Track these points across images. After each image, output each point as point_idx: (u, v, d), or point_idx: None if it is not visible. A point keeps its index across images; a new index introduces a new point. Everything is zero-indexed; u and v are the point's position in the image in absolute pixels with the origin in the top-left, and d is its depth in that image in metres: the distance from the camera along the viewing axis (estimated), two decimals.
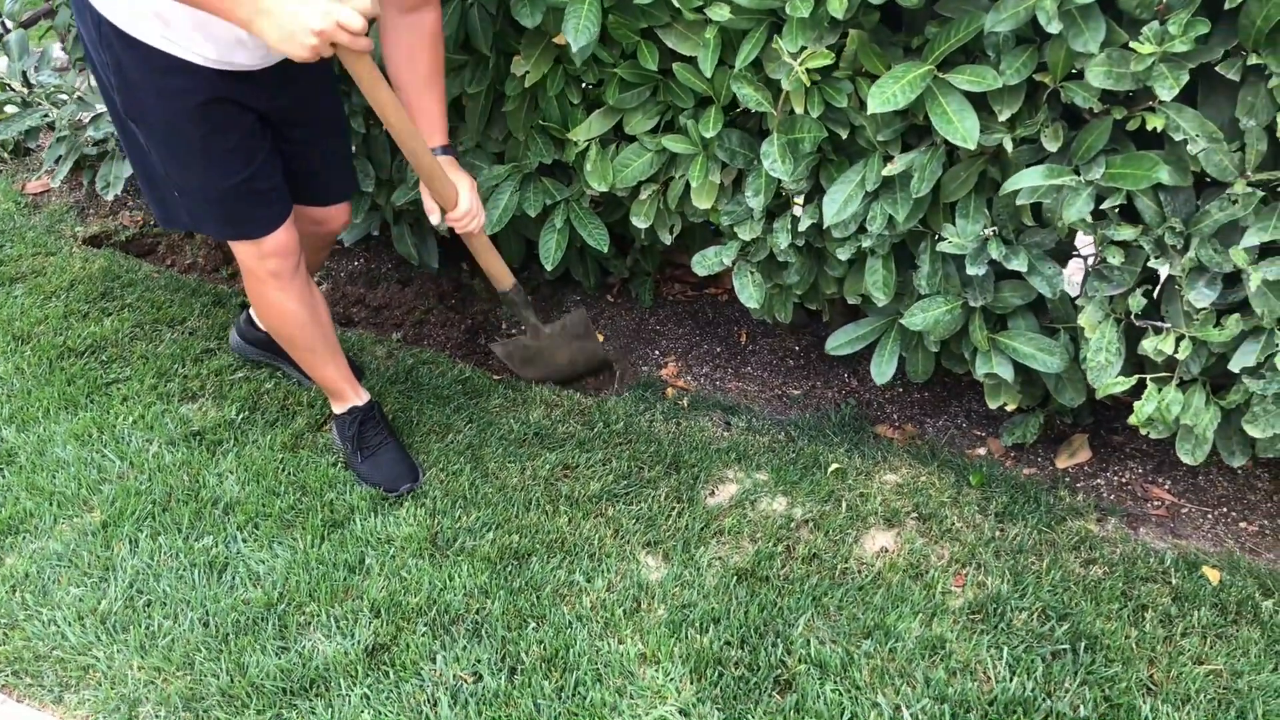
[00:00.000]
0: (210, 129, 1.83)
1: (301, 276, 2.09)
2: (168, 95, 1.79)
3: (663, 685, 1.78)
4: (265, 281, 2.05)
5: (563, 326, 2.44)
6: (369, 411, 2.27)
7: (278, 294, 2.07)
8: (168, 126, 1.82)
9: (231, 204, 1.92)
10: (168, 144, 1.85)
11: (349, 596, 1.96)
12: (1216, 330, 1.75)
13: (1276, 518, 2.21)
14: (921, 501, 2.17)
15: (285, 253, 2.02)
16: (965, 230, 1.86)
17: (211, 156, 1.86)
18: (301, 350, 2.19)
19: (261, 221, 1.97)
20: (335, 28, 1.57)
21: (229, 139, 1.86)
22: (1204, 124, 1.61)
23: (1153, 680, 1.79)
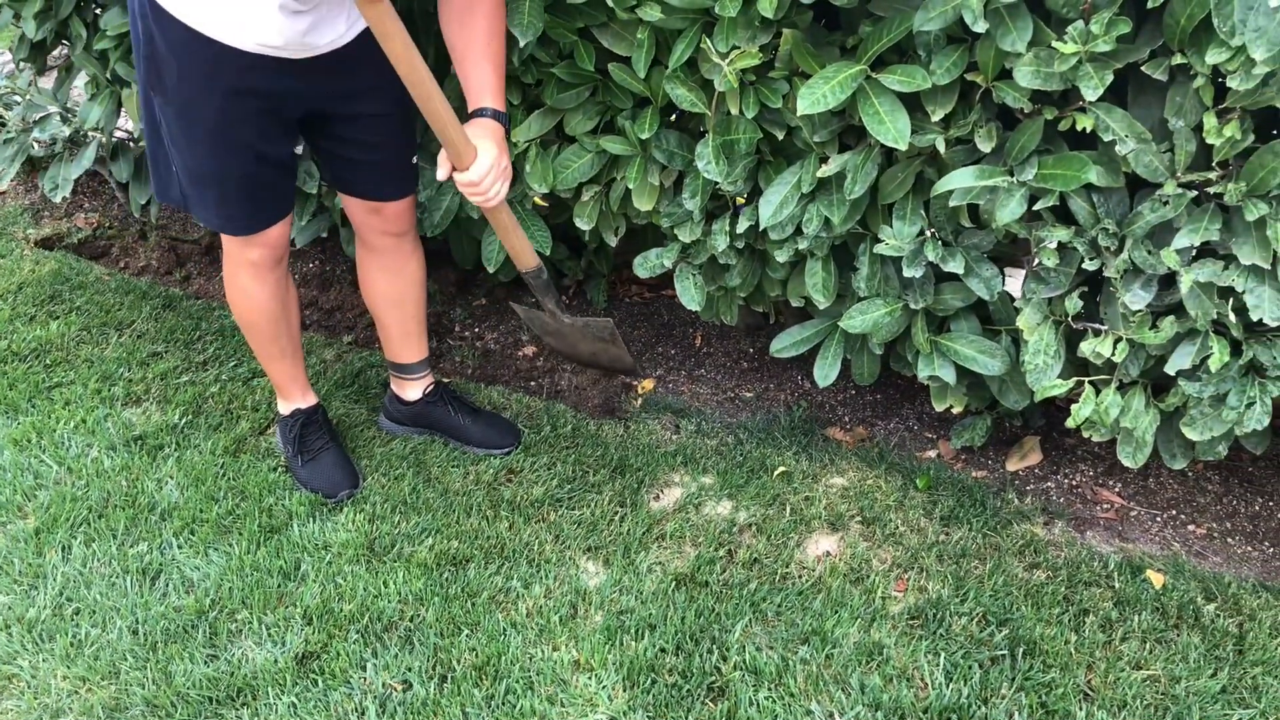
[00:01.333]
0: (226, 121, 1.79)
1: (280, 271, 2.06)
2: (192, 76, 1.75)
3: (595, 693, 1.76)
4: (242, 266, 2.02)
5: (585, 324, 2.34)
6: (312, 415, 2.24)
7: (252, 283, 2.04)
8: (185, 105, 1.79)
9: (229, 196, 1.88)
10: (180, 121, 1.81)
11: (282, 604, 1.93)
12: (1152, 333, 1.74)
13: (1225, 520, 2.19)
14: (866, 505, 2.15)
15: (273, 246, 1.99)
16: (902, 232, 1.84)
17: (220, 146, 1.82)
18: (261, 340, 2.16)
19: (251, 221, 1.94)
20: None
21: (242, 134, 1.82)
22: (1133, 124, 1.59)
23: (1090, 686, 1.78)
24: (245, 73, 1.75)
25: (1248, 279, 1.63)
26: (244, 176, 1.87)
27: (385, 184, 2.07)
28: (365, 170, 2.03)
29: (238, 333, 2.72)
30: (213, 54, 1.72)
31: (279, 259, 2.03)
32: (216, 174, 1.86)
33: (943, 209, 1.85)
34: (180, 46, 1.72)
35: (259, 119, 1.82)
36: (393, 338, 2.29)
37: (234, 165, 1.85)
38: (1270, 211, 1.56)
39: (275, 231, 1.97)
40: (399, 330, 2.27)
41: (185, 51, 1.73)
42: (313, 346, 2.68)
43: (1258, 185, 1.55)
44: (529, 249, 2.09)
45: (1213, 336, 1.70)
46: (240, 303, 2.10)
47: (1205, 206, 1.63)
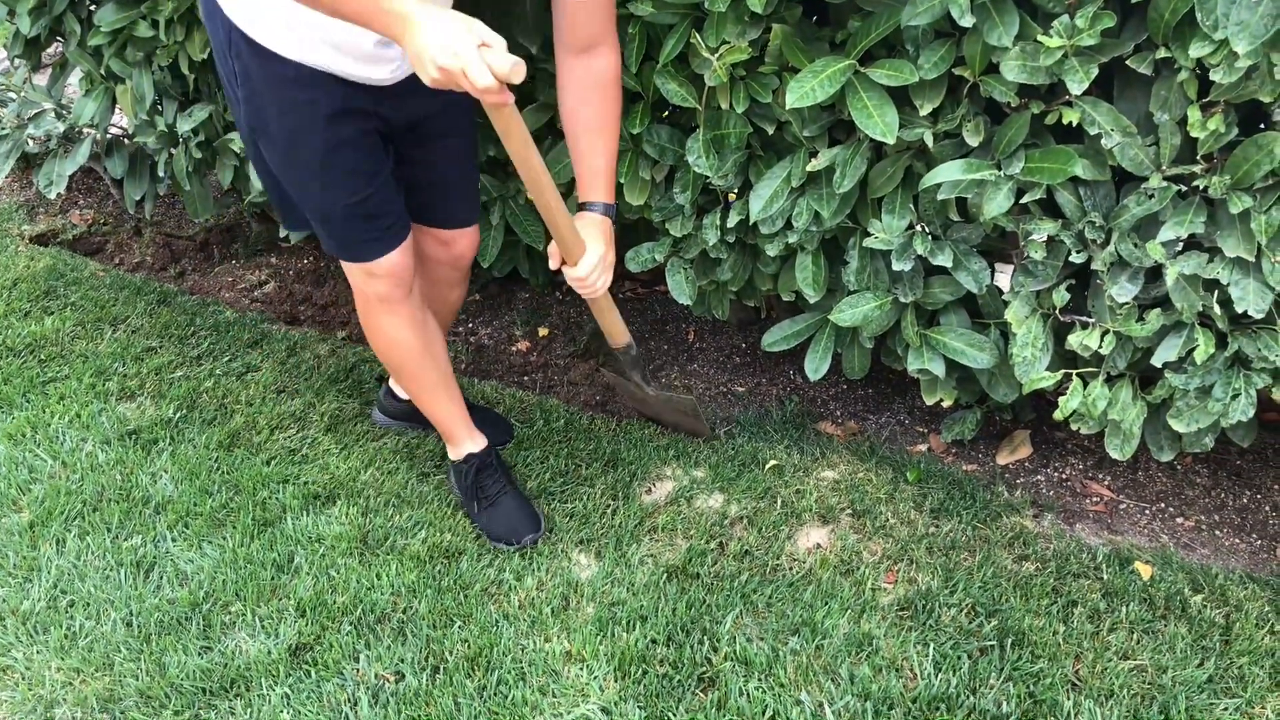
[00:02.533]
0: (332, 147, 1.74)
1: (414, 302, 1.99)
2: (292, 108, 1.71)
3: (586, 684, 1.77)
4: (372, 304, 1.96)
5: (669, 399, 2.33)
6: (486, 458, 2.14)
7: (386, 318, 1.98)
8: (289, 140, 1.75)
9: (344, 225, 1.84)
10: (288, 158, 1.78)
11: (276, 596, 1.94)
12: (1139, 325, 1.75)
13: (1213, 513, 2.21)
14: (857, 498, 2.17)
15: (396, 276, 1.92)
16: (891, 226, 1.86)
17: (330, 176, 1.77)
18: (411, 381, 2.10)
19: (373, 246, 1.87)
20: (460, 75, 1.41)
21: (350, 159, 1.77)
22: (1118, 118, 1.60)
23: (1078, 676, 1.79)
24: (341, 97, 1.70)
25: (1232, 271, 1.64)
26: (361, 200, 1.81)
27: (452, 207, 2.04)
28: (433, 192, 2.00)
29: (232, 328, 2.73)
30: (309, 82, 1.68)
31: (407, 291, 1.96)
32: (333, 206, 1.80)
33: (931, 203, 1.86)
34: (277, 79, 1.68)
35: (360, 140, 1.77)
36: None
37: (351, 191, 1.79)
38: (1254, 204, 1.57)
39: (396, 258, 1.89)
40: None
41: (281, 83, 1.69)
42: (307, 342, 2.69)
43: (1241, 178, 1.56)
44: (623, 329, 2.12)
45: (1198, 329, 1.71)
46: (378, 342, 2.04)
47: (1190, 200, 1.64)
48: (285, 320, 2.83)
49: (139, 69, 2.42)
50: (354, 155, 1.77)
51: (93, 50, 2.46)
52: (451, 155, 1.98)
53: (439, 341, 2.09)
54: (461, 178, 2.03)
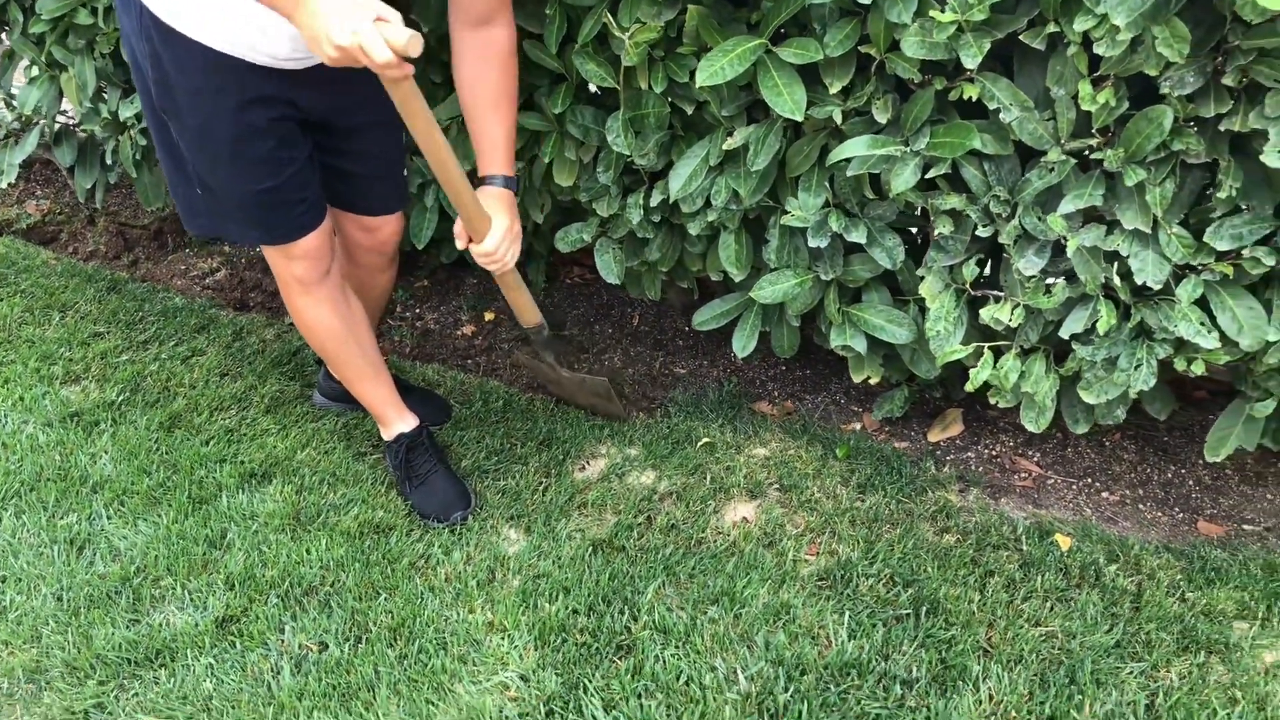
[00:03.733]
0: (243, 133, 1.75)
1: (333, 283, 2.00)
2: (204, 93, 1.71)
3: (506, 653, 1.80)
4: (291, 286, 1.97)
5: (582, 381, 2.34)
6: (416, 438, 2.17)
7: (304, 299, 1.99)
8: (201, 124, 1.74)
9: (255, 210, 1.84)
10: (199, 142, 1.77)
11: (206, 570, 1.97)
12: (1046, 297, 1.79)
13: (1138, 487, 2.25)
14: (785, 474, 2.20)
15: (313, 258, 1.93)
16: (807, 204, 1.89)
17: (240, 161, 1.78)
18: (337, 363, 2.11)
19: (287, 228, 1.88)
20: (358, 50, 1.43)
21: (261, 146, 1.77)
22: (1016, 93, 1.64)
23: (990, 643, 1.82)
24: (252, 82, 1.71)
25: (1131, 243, 1.68)
26: (272, 188, 1.81)
27: (377, 197, 2.05)
28: (358, 183, 2.01)
29: (180, 313, 2.76)
30: (221, 68, 1.69)
31: (325, 270, 1.97)
32: (244, 190, 1.81)
33: (847, 181, 1.90)
34: (189, 64, 1.69)
35: (274, 126, 1.78)
36: None
37: (259, 178, 1.80)
38: (1148, 176, 1.61)
39: (313, 240, 1.91)
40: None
41: (194, 68, 1.69)
42: (254, 327, 2.72)
43: (1135, 151, 1.60)
44: (533, 307, 2.12)
45: (1102, 301, 1.75)
46: (302, 323, 2.05)
47: (1091, 173, 1.68)
48: (235, 306, 2.86)
49: (81, 56, 2.45)
50: (265, 143, 1.77)
51: (35, 38, 2.48)
52: (376, 146, 1.99)
53: (363, 324, 2.11)
54: (387, 168, 2.03)
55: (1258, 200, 1.62)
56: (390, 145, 2.02)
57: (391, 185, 2.08)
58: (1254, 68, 1.48)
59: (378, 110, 1.92)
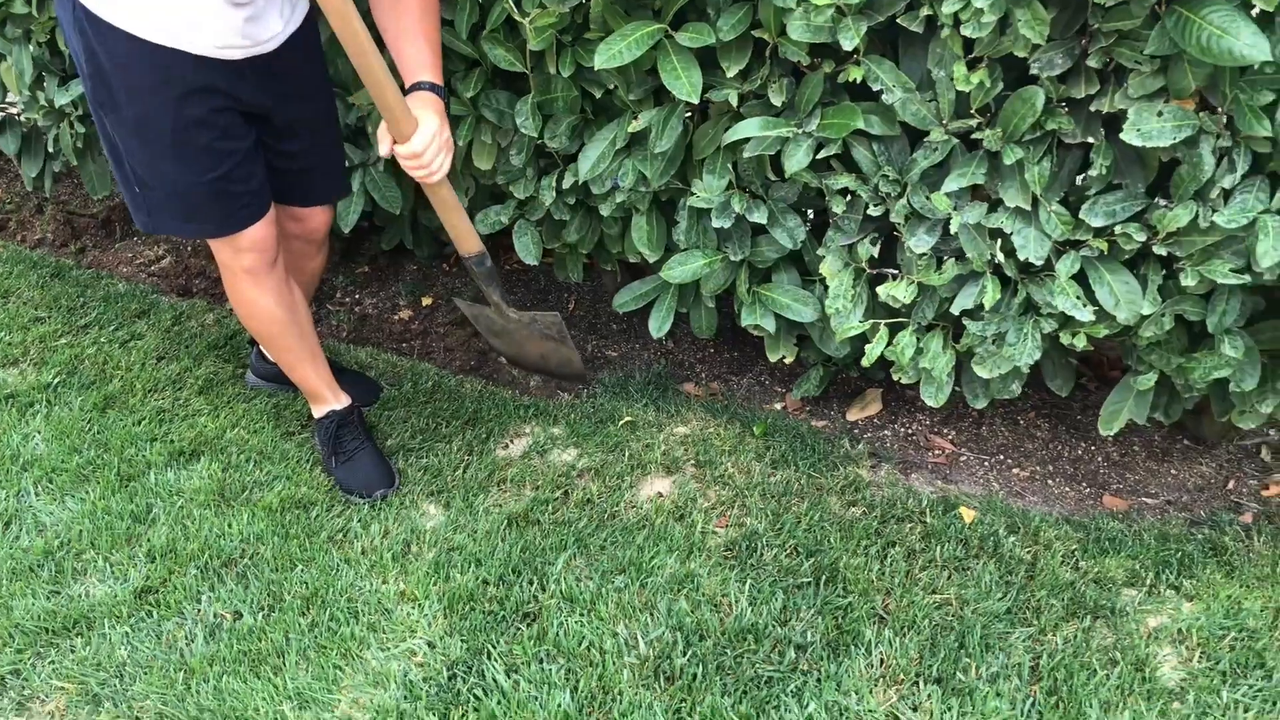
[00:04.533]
0: (183, 125, 1.74)
1: (279, 273, 2.03)
2: (142, 86, 1.70)
3: (416, 621, 1.85)
4: (240, 277, 1.99)
5: (533, 319, 2.29)
6: (347, 416, 2.22)
7: (252, 290, 2.01)
8: (139, 118, 1.73)
9: (198, 202, 1.83)
10: (138, 136, 1.76)
11: (129, 544, 2.02)
12: (937, 275, 1.84)
13: (1049, 464, 2.31)
14: (702, 451, 2.26)
15: (262, 248, 1.95)
16: (711, 186, 1.95)
17: (182, 154, 1.77)
18: (278, 349, 2.14)
19: (233, 220, 1.89)
20: None
21: (202, 137, 1.77)
22: (899, 75, 1.70)
23: (885, 609, 1.88)
24: (189, 74, 1.71)
25: (1014, 221, 1.74)
26: (213, 180, 1.82)
27: (312, 190, 2.07)
28: (295, 177, 2.02)
29: (122, 299, 2.80)
30: (158, 61, 1.69)
31: (272, 261, 1.99)
32: (184, 183, 1.81)
33: (749, 163, 1.95)
34: (125, 58, 1.68)
35: (214, 118, 1.78)
36: None
37: (200, 170, 1.80)
38: (1026, 155, 1.67)
39: (259, 231, 1.93)
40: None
41: (128, 62, 1.69)
42: (194, 312, 2.77)
43: (1012, 131, 1.66)
44: (471, 231, 2.03)
45: (989, 277, 1.81)
46: (246, 313, 2.07)
47: (975, 152, 1.74)
48: (178, 293, 2.90)
49: (18, 45, 2.49)
50: (208, 133, 1.78)
51: None
52: (314, 140, 1.99)
53: (304, 310, 2.15)
54: (323, 161, 2.05)
55: (1131, 179, 1.68)
56: (328, 139, 2.04)
57: (327, 178, 2.09)
58: (1115, 50, 1.54)
59: (316, 103, 1.96)
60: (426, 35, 1.83)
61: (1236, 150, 1.54)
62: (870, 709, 1.70)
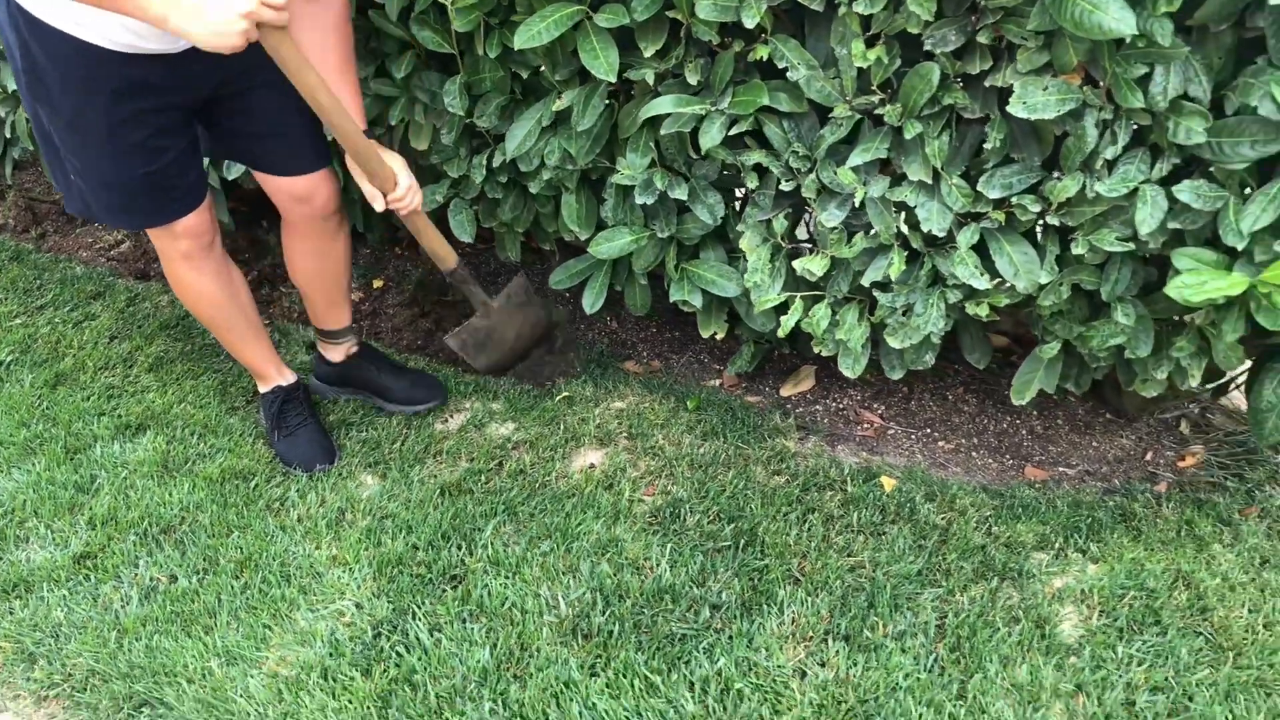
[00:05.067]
0: (117, 121, 1.77)
1: (216, 255, 2.07)
2: (75, 83, 1.72)
3: (346, 583, 1.91)
4: (176, 262, 2.03)
5: (507, 297, 2.37)
6: (291, 392, 2.28)
7: (190, 274, 2.05)
8: (74, 113, 1.76)
9: (131, 196, 1.87)
10: (72, 129, 1.78)
11: (72, 512, 2.08)
12: (847, 248, 1.91)
13: (974, 437, 2.37)
14: (636, 424, 2.32)
15: (197, 234, 1.99)
16: (635, 163, 2.01)
17: (115, 149, 1.80)
18: (220, 330, 2.18)
19: (164, 213, 1.93)
20: (259, 5, 1.51)
21: (135, 133, 1.80)
22: (803, 54, 1.76)
23: (801, 571, 1.95)
24: (124, 72, 1.72)
25: (918, 194, 1.80)
26: (146, 175, 1.85)
27: (287, 155, 2.04)
28: (272, 143, 2.00)
29: (79, 281, 2.86)
30: (91, 58, 1.70)
31: (209, 244, 2.03)
32: (117, 177, 1.84)
33: (671, 141, 2.02)
34: (57, 54, 1.70)
35: (149, 117, 1.80)
36: (318, 309, 2.33)
37: (134, 166, 1.83)
38: (925, 130, 1.74)
39: (194, 219, 1.97)
40: (324, 303, 2.31)
41: (63, 59, 1.70)
42: (149, 294, 2.82)
43: (911, 106, 1.72)
44: (447, 248, 2.17)
45: (896, 250, 1.87)
46: (186, 296, 2.10)
47: (878, 129, 1.80)
48: (135, 276, 2.96)
49: None
50: (140, 131, 1.80)
51: None
52: (269, 105, 1.97)
53: (244, 291, 2.18)
54: (287, 124, 2.00)
55: (1028, 152, 1.75)
56: (285, 102, 1.95)
57: (301, 140, 2.03)
58: (1003, 26, 1.60)
59: (262, 73, 1.91)
60: (350, 76, 1.92)
61: (1118, 122, 1.60)
62: (779, 664, 1.76)
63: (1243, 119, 1.52)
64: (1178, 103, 1.54)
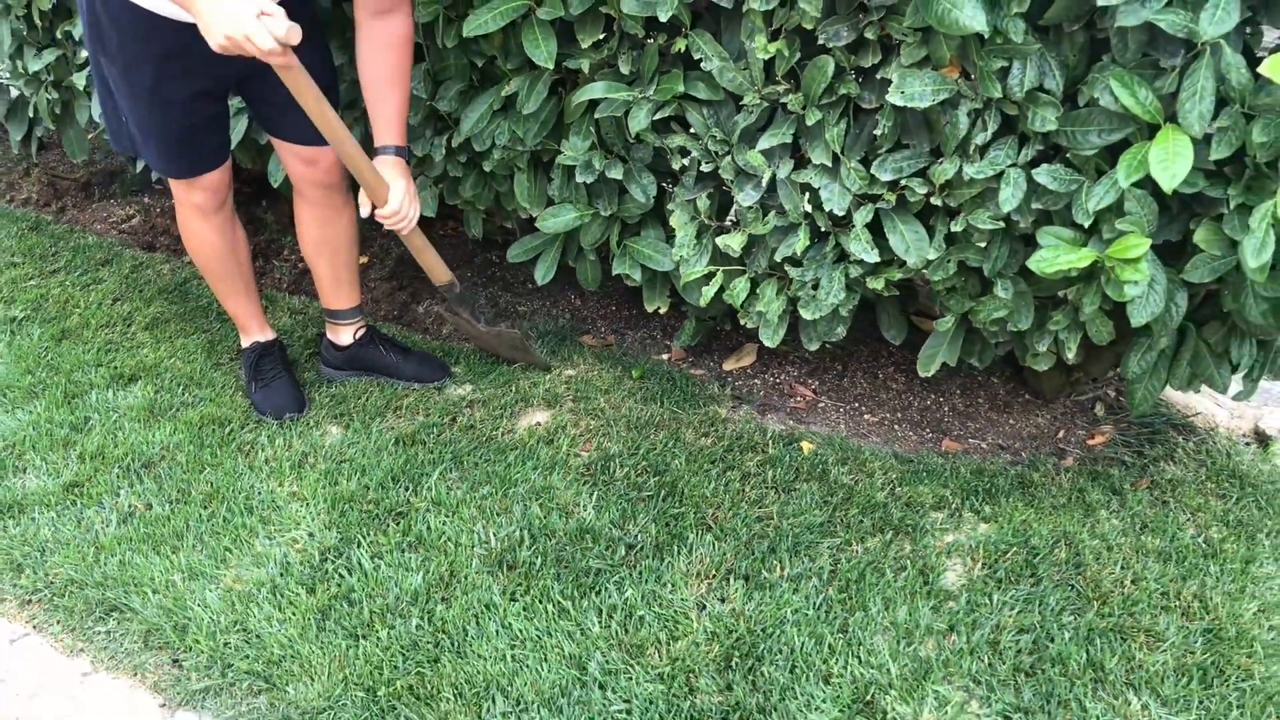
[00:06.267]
0: (161, 79, 2.01)
1: (226, 213, 2.31)
2: (130, 39, 1.96)
3: (301, 516, 2.13)
4: (190, 210, 2.27)
5: (498, 334, 2.55)
6: (269, 347, 2.51)
7: (199, 223, 2.29)
8: (126, 66, 2.01)
9: (165, 145, 2.13)
10: (125, 80, 2.03)
11: (65, 448, 2.31)
12: (761, 225, 2.10)
13: (899, 411, 2.55)
14: (582, 389, 2.52)
15: (213, 190, 2.24)
16: (576, 145, 2.21)
17: (157, 103, 2.05)
18: (215, 279, 2.42)
19: (191, 167, 2.18)
20: (244, 40, 1.66)
21: (176, 92, 2.04)
22: (717, 47, 1.96)
23: (713, 519, 2.13)
24: (173, 39, 1.93)
25: (821, 176, 1.99)
26: (181, 129, 2.11)
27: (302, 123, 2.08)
28: (294, 114, 2.04)
29: (90, 249, 3.11)
30: (145, 23, 1.93)
31: (221, 202, 2.28)
32: (157, 127, 2.10)
33: (610, 126, 2.22)
34: (118, 16, 1.94)
35: (190, 79, 2.04)
36: (325, 285, 2.50)
37: (171, 120, 2.09)
38: (825, 117, 1.92)
39: (214, 176, 2.22)
40: (330, 278, 2.48)
41: (123, 20, 1.94)
42: (153, 263, 3.07)
43: (811, 95, 1.91)
44: (442, 265, 2.34)
45: (804, 228, 2.06)
46: (191, 243, 2.34)
47: (786, 116, 1.99)
48: (142, 247, 3.21)
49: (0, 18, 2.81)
50: (180, 91, 2.05)
51: None
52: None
53: (244, 249, 2.43)
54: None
55: (918, 139, 1.92)
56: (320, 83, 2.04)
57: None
58: (888, 23, 1.79)
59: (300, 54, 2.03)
60: (398, 94, 2.08)
61: (988, 112, 1.78)
62: (682, 598, 1.95)
63: (1092, 110, 1.70)
64: (1034, 94, 1.72)
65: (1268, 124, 1.53)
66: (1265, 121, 1.54)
